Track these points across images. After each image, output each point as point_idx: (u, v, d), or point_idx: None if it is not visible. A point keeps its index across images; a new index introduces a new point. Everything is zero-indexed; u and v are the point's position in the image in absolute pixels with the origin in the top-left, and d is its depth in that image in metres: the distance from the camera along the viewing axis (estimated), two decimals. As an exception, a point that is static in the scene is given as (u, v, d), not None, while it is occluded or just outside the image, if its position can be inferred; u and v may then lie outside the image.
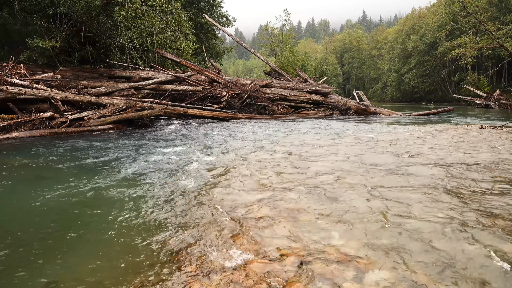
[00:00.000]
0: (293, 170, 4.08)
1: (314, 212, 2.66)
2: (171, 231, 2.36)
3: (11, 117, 7.40)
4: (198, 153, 5.36)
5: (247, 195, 3.15)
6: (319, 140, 6.77)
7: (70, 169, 4.22)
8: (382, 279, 1.71)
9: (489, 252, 1.94)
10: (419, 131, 8.59)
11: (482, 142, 6.40)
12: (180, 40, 12.65)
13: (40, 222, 2.59)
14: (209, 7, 24.94)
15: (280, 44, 35.20)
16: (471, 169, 4.00)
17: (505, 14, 35.87)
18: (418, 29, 53.26)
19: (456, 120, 13.17)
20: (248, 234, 2.27)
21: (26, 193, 3.31)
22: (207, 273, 1.80)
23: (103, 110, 8.51)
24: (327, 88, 15.39)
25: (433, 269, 1.79)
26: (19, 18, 11.16)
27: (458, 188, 3.21)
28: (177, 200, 3.03)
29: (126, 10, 10.63)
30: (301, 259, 1.92)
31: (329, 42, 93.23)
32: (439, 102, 43.49)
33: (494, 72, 38.14)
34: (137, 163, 4.51)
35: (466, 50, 29.21)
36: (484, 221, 2.39)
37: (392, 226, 2.34)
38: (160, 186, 3.46)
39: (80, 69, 11.33)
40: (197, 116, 11.09)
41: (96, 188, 3.35)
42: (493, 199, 2.88)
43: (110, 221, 2.58)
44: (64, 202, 2.97)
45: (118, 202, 2.95)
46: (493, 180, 3.49)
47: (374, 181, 3.49)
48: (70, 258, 2.01)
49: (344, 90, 76.41)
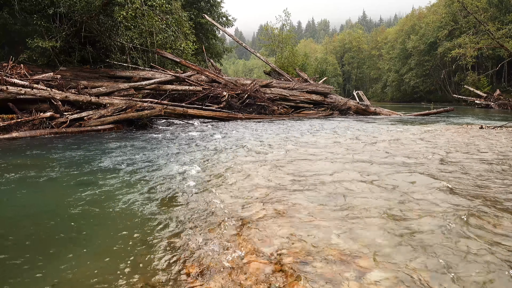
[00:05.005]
0: (293, 170, 4.08)
1: (313, 212, 2.66)
2: (171, 230, 2.36)
3: (11, 117, 7.41)
4: (198, 152, 5.36)
5: (247, 195, 3.15)
6: (319, 140, 6.77)
7: (70, 169, 4.23)
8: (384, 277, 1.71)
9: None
10: (419, 130, 8.58)
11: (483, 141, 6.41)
12: (180, 40, 12.65)
13: (41, 222, 2.59)
14: (209, 7, 24.94)
15: (280, 44, 35.15)
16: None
17: (505, 14, 35.88)
18: (418, 29, 53.26)
19: (456, 120, 13.17)
20: (248, 234, 2.27)
21: (26, 193, 3.31)
22: (208, 273, 1.80)
23: (103, 110, 8.51)
24: (327, 88, 15.39)
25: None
26: (19, 18, 11.16)
27: (452, 180, 3.22)
28: (177, 199, 3.03)
29: (126, 10, 10.63)
30: (301, 259, 1.92)
31: (329, 42, 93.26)
32: (439, 102, 43.48)
33: (494, 72, 38.15)
34: (137, 163, 4.51)
35: (466, 50, 29.20)
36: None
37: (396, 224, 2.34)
38: (161, 185, 3.46)
39: (80, 69, 11.33)
40: (197, 116, 11.09)
41: (96, 188, 3.35)
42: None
43: (110, 221, 2.58)
44: (64, 202, 2.97)
45: (118, 202, 2.95)
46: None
47: (376, 182, 3.49)
48: (71, 258, 2.01)
49: (344, 90, 76.41)
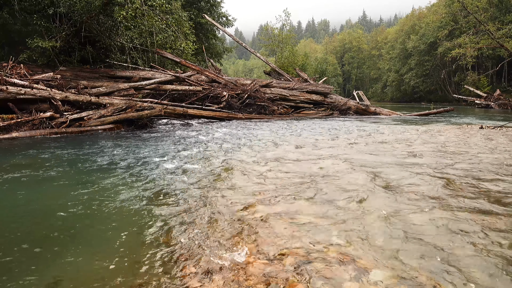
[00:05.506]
0: (293, 170, 4.07)
1: (314, 211, 2.66)
2: (170, 229, 2.36)
3: (11, 117, 7.40)
4: (197, 152, 5.36)
5: (247, 194, 3.15)
6: (319, 140, 6.77)
7: (69, 169, 4.23)
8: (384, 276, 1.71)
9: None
10: (419, 131, 8.58)
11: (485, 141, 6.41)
12: (180, 40, 12.64)
13: (41, 222, 2.59)
14: (209, 7, 24.94)
15: (280, 44, 35.17)
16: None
17: (505, 14, 35.89)
18: (418, 29, 53.27)
19: (456, 120, 13.16)
20: (248, 234, 2.27)
21: (26, 193, 3.31)
22: (208, 273, 1.80)
23: (103, 110, 8.51)
24: (327, 88, 15.39)
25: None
26: (19, 18, 11.15)
27: (448, 175, 3.22)
28: (177, 199, 3.03)
29: (126, 10, 10.62)
30: (302, 259, 1.92)
31: (329, 42, 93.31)
32: (439, 102, 43.49)
33: (494, 72, 38.13)
34: (137, 163, 4.52)
35: (466, 50, 29.17)
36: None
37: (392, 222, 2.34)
38: (160, 185, 3.46)
39: (80, 69, 11.33)
40: (197, 116, 11.09)
41: (95, 187, 3.35)
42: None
43: (108, 220, 2.58)
44: (64, 202, 2.97)
45: (116, 200, 2.95)
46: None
47: (378, 183, 3.49)
48: (69, 256, 2.01)
49: (344, 90, 76.45)
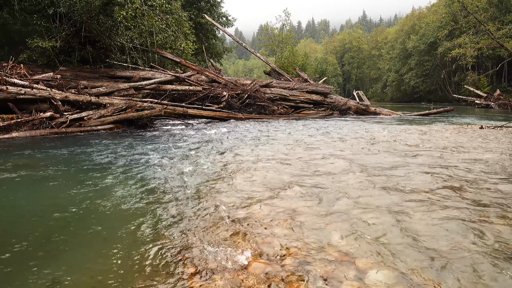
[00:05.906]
0: (293, 170, 4.07)
1: (314, 211, 2.66)
2: (170, 229, 2.36)
3: (11, 117, 7.40)
4: (197, 152, 5.36)
5: (246, 193, 3.15)
6: (319, 139, 6.76)
7: (69, 169, 4.23)
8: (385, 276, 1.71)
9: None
10: (419, 130, 8.58)
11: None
12: (180, 40, 12.64)
13: (41, 222, 2.59)
14: (209, 7, 24.94)
15: (280, 44, 35.18)
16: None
17: (505, 14, 35.88)
18: (418, 29, 53.25)
19: (456, 120, 13.16)
20: (249, 234, 2.27)
21: (26, 193, 3.31)
22: (208, 273, 1.80)
23: (103, 110, 8.51)
24: (327, 88, 15.39)
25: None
26: (19, 18, 11.15)
27: (447, 175, 3.22)
28: (176, 198, 3.03)
29: (126, 10, 10.62)
30: (302, 258, 1.92)
31: (329, 42, 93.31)
32: (439, 102, 43.49)
33: (494, 72, 38.13)
34: (136, 163, 4.51)
35: (466, 50, 29.16)
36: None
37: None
38: (160, 184, 3.46)
39: (80, 69, 11.33)
40: (197, 116, 11.08)
41: (96, 188, 3.35)
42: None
43: (108, 219, 2.58)
44: (64, 202, 2.97)
45: (116, 200, 2.94)
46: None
47: (376, 183, 3.49)
48: (70, 256, 2.01)
49: (344, 90, 76.44)
